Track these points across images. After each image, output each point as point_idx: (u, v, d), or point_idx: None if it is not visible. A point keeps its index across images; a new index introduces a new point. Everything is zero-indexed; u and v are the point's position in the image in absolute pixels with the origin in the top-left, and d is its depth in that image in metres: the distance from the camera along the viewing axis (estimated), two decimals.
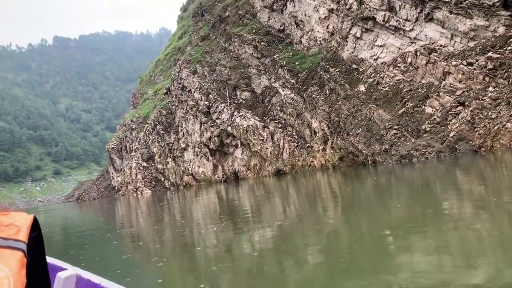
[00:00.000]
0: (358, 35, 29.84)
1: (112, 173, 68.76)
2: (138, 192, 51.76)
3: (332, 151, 28.57)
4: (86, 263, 8.93)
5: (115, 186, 65.83)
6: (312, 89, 32.21)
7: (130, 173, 55.37)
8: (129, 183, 55.64)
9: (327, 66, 31.47)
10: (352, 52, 30.27)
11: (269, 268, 6.53)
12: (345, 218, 10.21)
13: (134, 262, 9.15)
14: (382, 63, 27.64)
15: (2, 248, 0.61)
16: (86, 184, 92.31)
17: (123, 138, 67.20)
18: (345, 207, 12.35)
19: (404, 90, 24.55)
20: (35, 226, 0.70)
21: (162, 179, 51.26)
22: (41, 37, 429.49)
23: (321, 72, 31.93)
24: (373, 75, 27.73)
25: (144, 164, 53.02)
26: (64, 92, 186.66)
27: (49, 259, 1.89)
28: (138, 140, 57.10)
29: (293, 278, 5.73)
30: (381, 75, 26.98)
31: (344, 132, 27.62)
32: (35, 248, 0.69)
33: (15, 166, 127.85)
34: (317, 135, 30.68)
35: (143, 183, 51.55)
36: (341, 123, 28.13)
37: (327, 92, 30.86)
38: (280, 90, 36.07)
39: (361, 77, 28.67)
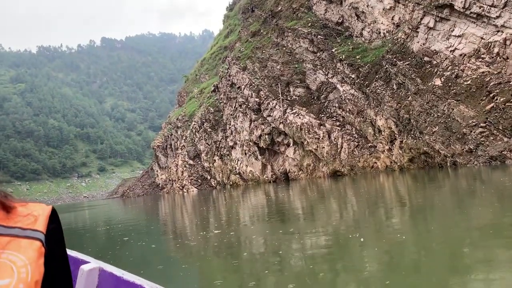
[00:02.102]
0: (431, 25, 27.11)
1: (157, 171, 68.68)
2: (184, 190, 50.85)
3: (401, 152, 25.96)
4: (128, 258, 8.90)
5: (159, 184, 65.61)
6: (376, 84, 29.70)
7: (176, 171, 54.67)
8: (174, 180, 54.95)
9: (394, 59, 28.89)
10: (423, 44, 27.55)
11: (319, 273, 6.03)
12: (412, 226, 9.10)
13: (178, 260, 8.75)
14: (460, 55, 24.80)
15: (20, 238, 0.62)
16: (129, 181, 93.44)
17: (168, 136, 67.02)
18: (413, 213, 10.89)
19: (491, 84, 21.64)
20: (54, 217, 0.71)
21: (208, 177, 50.09)
22: (90, 38, 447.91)
23: (387, 66, 29.38)
24: (450, 68, 24.93)
25: (191, 162, 52.11)
26: (110, 91, 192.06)
27: (73, 253, 1.97)
28: (184, 138, 56.38)
29: (345, 285, 5.32)
30: (461, 68, 24.14)
31: (416, 130, 24.97)
32: (54, 238, 0.69)
33: (63, 162, 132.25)
34: (383, 134, 28.15)
35: (189, 181, 50.60)
36: (412, 120, 25.48)
37: (394, 87, 28.28)
38: (338, 85, 33.76)
39: (435, 71, 25.92)
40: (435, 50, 26.71)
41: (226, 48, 75.43)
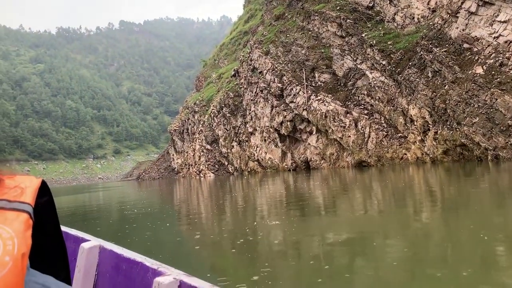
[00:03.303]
0: (472, 9, 25.37)
1: (173, 155, 68.25)
2: (201, 175, 50.13)
3: (435, 143, 24.52)
4: (145, 241, 8.73)
5: (175, 168, 65.19)
6: (410, 71, 28.14)
7: (193, 155, 53.95)
8: (191, 165, 54.28)
9: (430, 46, 27.26)
10: (463, 30, 25.86)
11: (337, 267, 5.71)
12: (444, 221, 8.36)
13: (190, 245, 8.33)
14: (506, 42, 23.12)
15: (7, 210, 0.61)
16: (144, 164, 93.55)
17: (185, 121, 66.36)
18: (445, 208, 10.05)
19: None
20: (44, 190, 0.70)
21: (226, 163, 49.24)
22: (108, 21, 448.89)
23: (421, 53, 27.77)
24: (493, 55, 23.28)
25: (208, 146, 51.29)
26: (127, 75, 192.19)
27: (73, 231, 2.01)
28: (202, 123, 55.51)
29: (364, 280, 4.96)
30: (506, 56, 22.49)
31: (452, 121, 23.49)
32: (45, 211, 0.69)
33: (79, 143, 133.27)
34: (415, 123, 26.70)
35: (206, 166, 49.84)
36: (448, 110, 23.99)
37: (430, 75, 26.71)
38: (367, 72, 32.25)
39: (476, 58, 24.28)
40: (476, 36, 25.02)
41: (246, 33, 74.12)
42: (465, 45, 25.44)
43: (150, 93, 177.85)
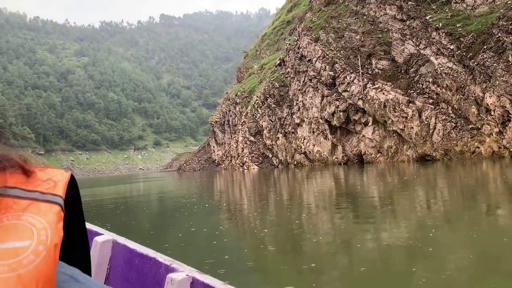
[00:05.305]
0: None
1: (213, 146, 67.41)
2: (244, 167, 48.73)
3: None
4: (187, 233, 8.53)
5: (215, 160, 64.30)
6: (484, 55, 25.21)
7: (236, 147, 52.63)
8: (234, 157, 52.99)
9: (510, 27, 24.25)
10: None
11: (393, 268, 5.06)
12: None
13: (230, 240, 7.84)
14: None
15: (40, 202, 0.64)
16: (183, 156, 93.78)
17: (226, 112, 65.25)
18: None
19: None
20: (73, 183, 0.73)
21: (270, 155, 47.55)
22: (149, 14, 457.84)
23: (499, 35, 24.79)
24: None
25: (252, 138, 49.78)
26: (167, 68, 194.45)
27: (87, 224, 1.85)
28: (245, 114, 54.04)
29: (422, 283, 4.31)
30: None
31: None
32: (73, 204, 0.72)
33: (121, 135, 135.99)
34: (492, 113, 23.86)
35: (249, 158, 48.37)
36: None
37: (510, 58, 23.75)
38: (432, 58, 29.46)
39: None
40: None
41: (289, 22, 72.08)
42: None
43: (189, 86, 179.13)
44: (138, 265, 1.62)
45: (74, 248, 0.76)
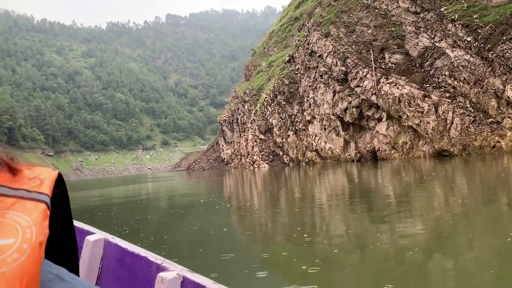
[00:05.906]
0: None
1: (222, 145, 66.92)
2: (255, 166, 48.17)
3: None
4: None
5: (225, 158, 63.81)
6: (504, 47, 24.40)
7: (246, 145, 52.08)
8: (244, 155, 52.45)
9: None
10: None
11: (409, 268, 4.97)
12: None
13: (241, 237, 8.07)
14: None
15: (25, 200, 0.63)
16: (192, 155, 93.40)
17: (235, 111, 64.68)
18: None
19: None
20: (60, 182, 0.73)
21: (281, 153, 46.93)
22: (156, 14, 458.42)
23: None
24: None
25: (262, 136, 49.19)
26: (174, 67, 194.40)
27: (78, 224, 1.97)
28: (254, 112, 53.45)
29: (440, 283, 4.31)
30: None
31: None
32: (60, 203, 0.72)
33: (129, 135, 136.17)
34: None
35: (260, 156, 47.78)
36: None
37: None
38: (447, 51, 28.64)
39: None
40: None
41: (297, 19, 71.33)
42: None
43: (196, 85, 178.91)
44: (130, 264, 1.62)
45: (61, 247, 0.75)
